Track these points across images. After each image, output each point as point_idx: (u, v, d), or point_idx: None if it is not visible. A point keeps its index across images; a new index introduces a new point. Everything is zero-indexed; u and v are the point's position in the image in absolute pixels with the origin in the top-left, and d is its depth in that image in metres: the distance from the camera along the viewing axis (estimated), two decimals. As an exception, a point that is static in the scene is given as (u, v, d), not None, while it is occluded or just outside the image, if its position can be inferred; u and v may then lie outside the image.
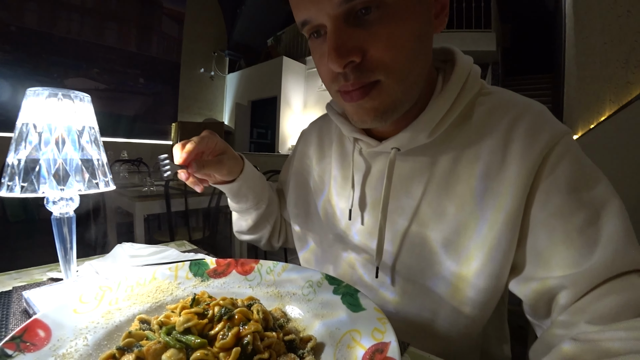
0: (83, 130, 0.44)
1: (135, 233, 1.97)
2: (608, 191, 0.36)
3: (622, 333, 0.25)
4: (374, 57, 0.36)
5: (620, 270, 0.32)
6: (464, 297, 0.43)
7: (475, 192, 0.41)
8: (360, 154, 0.52)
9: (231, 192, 0.60)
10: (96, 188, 0.44)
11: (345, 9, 0.35)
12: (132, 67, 6.36)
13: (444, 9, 0.41)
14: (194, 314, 0.34)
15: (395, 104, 0.40)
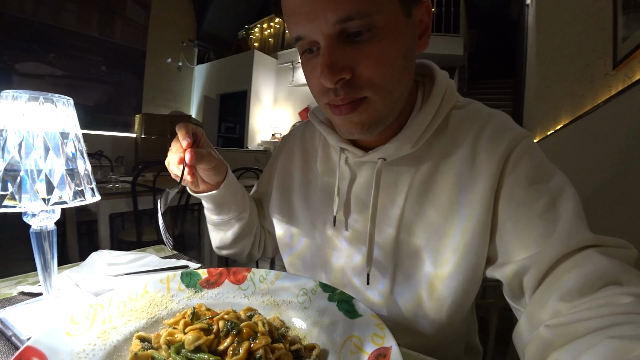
0: (67, 138, 0.41)
1: (99, 233, 1.86)
2: (563, 181, 0.41)
3: (588, 312, 0.28)
4: (364, 74, 0.39)
5: (576, 247, 0.36)
6: (441, 296, 0.47)
7: (451, 199, 0.46)
8: (346, 163, 0.54)
9: (215, 202, 0.59)
10: (82, 199, 0.42)
11: (339, 29, 0.37)
12: (93, 53, 5.93)
13: (426, 30, 0.44)
14: (199, 331, 0.34)
15: (381, 118, 0.43)
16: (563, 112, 1.92)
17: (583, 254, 0.35)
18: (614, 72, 1.20)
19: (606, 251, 0.35)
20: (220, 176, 0.57)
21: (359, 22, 0.36)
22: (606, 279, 0.32)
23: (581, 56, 1.62)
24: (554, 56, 2.29)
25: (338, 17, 0.36)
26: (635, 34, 1.02)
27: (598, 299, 0.30)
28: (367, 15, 0.36)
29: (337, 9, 0.35)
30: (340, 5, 0.35)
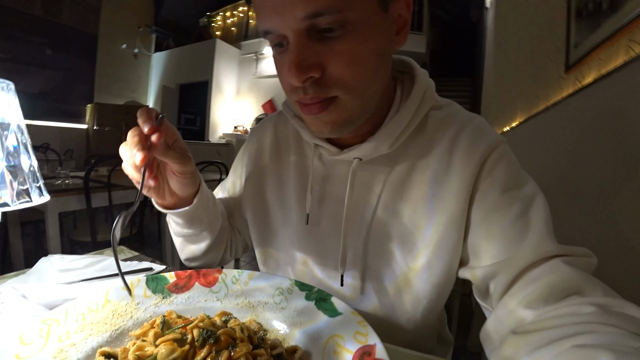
0: (8, 129, 0.36)
1: (47, 234, 1.69)
2: (534, 189, 0.43)
3: (553, 321, 0.30)
4: (334, 73, 0.37)
5: (544, 256, 0.37)
6: (416, 291, 0.48)
7: (425, 197, 0.46)
8: (320, 159, 0.53)
9: (186, 217, 0.51)
10: (28, 200, 0.37)
11: (308, 24, 0.35)
12: (37, 35, 5.32)
13: (405, 26, 0.43)
14: (172, 342, 0.31)
15: (352, 118, 0.42)
16: (518, 111, 2.04)
17: (549, 263, 0.37)
18: (565, 75, 1.29)
19: (571, 261, 0.37)
20: (194, 187, 0.49)
21: (330, 18, 0.34)
22: (570, 288, 0.34)
23: (535, 59, 1.73)
24: (510, 58, 2.43)
25: (306, 12, 0.34)
26: (586, 41, 1.10)
27: (562, 307, 0.32)
28: (339, 11, 0.34)
29: (306, 4, 0.33)
30: (310, 0, 0.33)
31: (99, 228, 2.02)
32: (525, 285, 0.36)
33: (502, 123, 2.54)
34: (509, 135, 2.13)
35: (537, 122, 1.61)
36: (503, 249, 0.40)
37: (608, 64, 0.96)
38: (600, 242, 0.88)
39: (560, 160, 1.25)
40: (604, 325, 0.27)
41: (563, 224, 1.11)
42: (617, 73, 0.89)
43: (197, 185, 0.50)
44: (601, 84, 0.98)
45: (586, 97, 1.09)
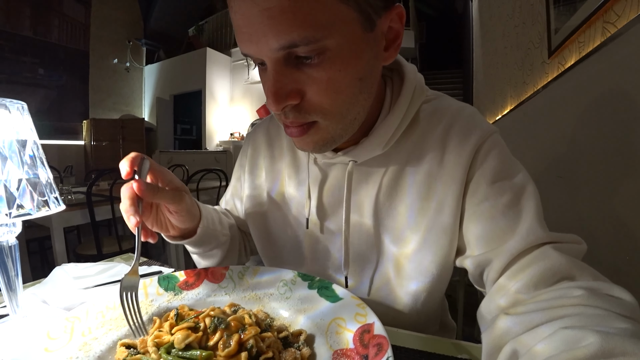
0: (26, 145, 0.39)
1: (54, 249, 1.72)
2: (525, 179, 0.43)
3: (543, 304, 0.31)
4: (312, 100, 0.37)
5: (535, 243, 0.38)
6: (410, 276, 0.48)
7: (420, 194, 0.47)
8: (315, 163, 0.53)
9: (193, 243, 0.54)
10: (47, 209, 0.40)
11: (284, 53, 0.34)
12: (28, 55, 5.36)
13: (396, 39, 0.41)
14: (187, 329, 0.34)
15: (334, 138, 0.42)
16: (508, 98, 2.08)
17: (540, 250, 0.38)
18: (549, 60, 1.32)
19: (561, 247, 0.38)
20: (193, 221, 0.50)
21: (306, 48, 0.33)
22: (560, 274, 0.35)
23: (520, 46, 1.77)
24: (497, 47, 2.46)
25: (280, 44, 0.33)
26: (565, 25, 1.14)
27: (553, 291, 0.33)
28: (315, 42, 0.33)
29: (279, 36, 0.32)
30: (282, 33, 0.32)
31: (104, 241, 2.05)
32: (516, 272, 0.38)
33: (494, 111, 2.57)
34: (502, 123, 2.16)
35: (526, 108, 1.65)
36: (495, 237, 0.41)
37: (587, 46, 1.00)
38: (596, 224, 0.91)
39: (548, 143, 1.29)
40: (592, 307, 0.28)
41: (552, 202, 1.15)
42: (596, 54, 0.92)
43: (197, 219, 0.51)
44: (582, 65, 1.02)
45: (569, 79, 1.13)
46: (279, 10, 0.31)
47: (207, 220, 0.53)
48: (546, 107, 1.35)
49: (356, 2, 0.33)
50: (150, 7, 7.29)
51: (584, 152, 0.99)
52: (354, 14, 0.34)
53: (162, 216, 0.48)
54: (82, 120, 5.99)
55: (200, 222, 0.51)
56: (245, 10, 0.32)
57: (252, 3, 0.31)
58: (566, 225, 1.07)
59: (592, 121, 0.95)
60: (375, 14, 0.36)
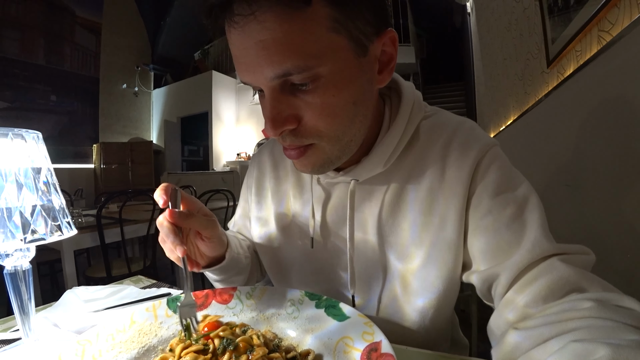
0: (40, 172, 0.41)
1: (64, 272, 1.73)
2: (528, 190, 0.43)
3: (553, 317, 0.30)
4: (309, 124, 0.38)
5: (541, 256, 0.38)
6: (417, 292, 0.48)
7: (422, 207, 0.47)
8: (319, 183, 0.54)
9: (220, 270, 0.54)
10: (60, 234, 0.41)
11: (280, 82, 0.36)
12: (41, 83, 5.58)
13: (390, 62, 0.42)
14: (194, 353, 0.34)
15: (332, 160, 0.43)
16: (511, 109, 2.08)
17: (547, 262, 0.37)
18: (548, 70, 1.33)
19: (568, 259, 0.37)
20: (222, 248, 0.51)
21: (300, 76, 0.35)
22: (569, 286, 0.35)
23: (519, 57, 1.79)
24: (496, 59, 2.49)
25: (275, 73, 0.34)
26: (561, 35, 1.15)
27: (562, 303, 0.32)
28: (308, 70, 0.34)
29: (273, 66, 0.34)
30: (276, 63, 0.34)
31: (113, 263, 2.06)
32: (524, 285, 0.37)
33: (497, 122, 2.57)
34: (506, 133, 2.16)
35: (529, 118, 1.65)
36: (500, 251, 0.40)
37: (585, 55, 1.01)
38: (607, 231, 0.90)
39: (553, 152, 1.28)
40: (602, 319, 0.27)
41: (559, 212, 1.13)
42: (594, 62, 0.93)
43: (225, 245, 0.52)
44: (581, 74, 1.03)
45: (568, 88, 1.13)
46: (273, 42, 0.33)
47: (233, 246, 0.54)
48: (549, 116, 1.35)
49: (347, 30, 0.35)
50: (158, 33, 7.57)
51: (590, 159, 0.99)
52: (345, 42, 0.35)
53: (192, 246, 0.48)
54: (92, 144, 6.16)
55: (228, 248, 0.52)
56: (241, 42, 0.34)
57: (247, 36, 0.33)
58: (575, 234, 1.06)
59: (596, 128, 0.95)
60: (367, 40, 0.37)
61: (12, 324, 0.57)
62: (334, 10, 0.33)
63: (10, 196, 0.37)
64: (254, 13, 0.32)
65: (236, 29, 0.34)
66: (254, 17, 0.32)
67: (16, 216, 0.37)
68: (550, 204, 1.22)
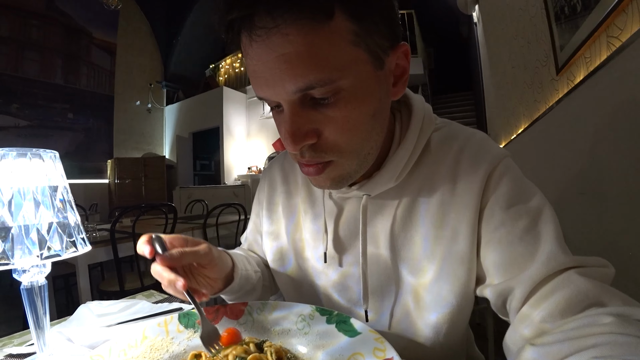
0: (56, 190, 0.42)
1: (79, 286, 1.76)
2: (541, 202, 0.42)
3: (572, 332, 0.29)
4: (329, 139, 0.38)
5: (557, 269, 0.36)
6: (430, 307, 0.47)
7: (434, 220, 0.46)
8: (330, 197, 0.54)
9: (233, 290, 0.54)
10: (75, 250, 0.42)
11: (301, 95, 0.35)
12: (59, 101, 5.83)
13: (403, 75, 0.42)
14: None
15: (350, 174, 0.43)
16: (521, 117, 2.06)
17: (564, 276, 0.36)
18: (558, 77, 1.32)
19: (586, 272, 0.36)
20: (228, 264, 0.52)
21: (322, 90, 0.34)
22: (588, 300, 0.33)
23: (528, 66, 1.78)
24: (505, 68, 2.48)
25: (297, 87, 0.34)
26: (570, 42, 1.15)
27: (581, 319, 0.31)
28: (330, 83, 0.34)
29: (296, 79, 0.33)
30: (299, 76, 0.33)
31: (126, 277, 2.08)
32: (540, 300, 0.36)
33: (508, 131, 2.55)
34: (518, 142, 2.13)
35: (540, 126, 1.63)
36: (514, 264, 0.39)
37: (594, 61, 1.00)
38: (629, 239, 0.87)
39: (566, 159, 1.26)
40: (623, 335, 0.26)
41: (574, 221, 1.10)
42: (604, 68, 0.92)
43: (229, 263, 0.52)
44: (592, 80, 1.01)
45: (579, 95, 1.12)
46: (296, 55, 0.32)
47: (240, 264, 0.55)
48: (560, 124, 1.33)
49: (366, 44, 0.35)
50: (170, 52, 7.82)
51: (605, 166, 0.96)
52: (365, 55, 0.36)
53: (201, 279, 0.48)
54: (107, 159, 6.33)
55: (235, 268, 0.53)
56: (262, 56, 0.34)
57: (270, 49, 0.33)
58: (593, 245, 1.02)
59: (610, 134, 0.93)
60: (383, 53, 0.37)
61: (27, 338, 0.58)
62: (354, 24, 0.34)
63: (28, 214, 0.38)
64: (278, 26, 0.31)
65: (257, 42, 0.33)
66: (277, 29, 0.31)
67: (33, 233, 0.38)
68: (565, 214, 1.19)
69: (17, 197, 0.38)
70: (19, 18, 5.34)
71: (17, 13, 5.31)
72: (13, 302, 2.89)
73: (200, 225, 2.49)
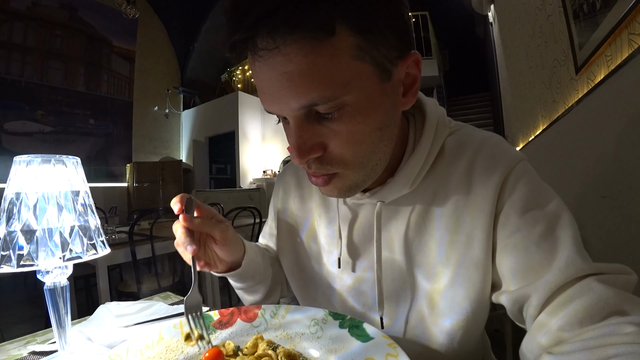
0: (78, 195, 0.44)
1: (99, 287, 1.81)
2: (559, 207, 0.41)
3: (591, 342, 0.29)
4: (334, 152, 0.38)
5: (576, 275, 0.35)
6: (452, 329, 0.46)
7: (448, 226, 0.45)
8: (345, 203, 0.54)
9: (238, 276, 0.57)
10: (95, 253, 0.43)
11: (306, 110, 0.35)
12: (81, 108, 6.09)
13: (414, 84, 0.41)
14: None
15: (358, 185, 0.42)
16: (540, 118, 2.01)
17: (583, 283, 0.35)
18: (577, 77, 1.28)
19: (606, 279, 0.35)
20: (239, 251, 0.54)
21: (325, 106, 0.34)
22: (608, 308, 0.32)
23: (545, 65, 1.73)
24: (522, 68, 2.43)
25: (300, 104, 0.34)
26: (589, 40, 1.11)
27: (601, 327, 0.30)
28: (333, 99, 0.34)
29: (299, 97, 0.34)
30: (302, 94, 0.34)
31: (144, 279, 2.13)
32: (557, 307, 0.35)
33: (526, 132, 2.48)
34: (536, 143, 2.08)
35: (560, 127, 1.58)
36: (531, 271, 0.38)
37: (615, 59, 0.97)
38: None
39: (587, 162, 1.22)
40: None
41: (596, 225, 1.06)
42: (626, 66, 0.89)
43: (242, 250, 0.54)
44: (613, 79, 0.98)
45: (602, 94, 1.08)
46: (298, 74, 0.32)
47: (250, 252, 0.56)
48: (581, 124, 1.29)
49: (371, 57, 0.34)
50: (187, 58, 8.02)
51: (628, 168, 0.93)
52: (370, 68, 0.35)
53: (210, 251, 0.52)
54: (126, 163, 6.53)
55: (245, 254, 0.55)
56: (265, 74, 0.34)
57: (272, 68, 0.33)
58: (617, 250, 0.98)
59: (633, 134, 0.89)
60: (391, 65, 0.37)
61: (49, 336, 0.61)
62: (357, 38, 0.33)
63: (51, 217, 0.40)
64: (278, 47, 0.32)
65: (260, 62, 0.34)
66: (278, 50, 0.32)
67: (56, 236, 0.40)
68: (586, 218, 1.14)
69: (42, 202, 0.40)
70: (44, 29, 5.61)
71: (42, 24, 5.58)
72: (36, 301, 3.01)
73: (215, 228, 2.52)
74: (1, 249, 0.38)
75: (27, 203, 0.39)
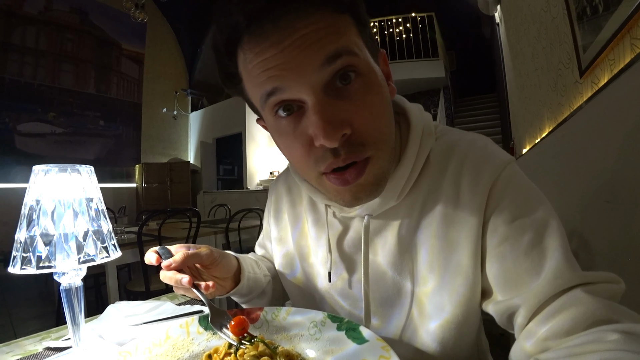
0: (92, 201, 0.46)
1: (108, 286, 1.86)
2: (547, 213, 0.41)
3: (577, 349, 0.29)
4: (362, 129, 0.37)
5: (564, 287, 0.36)
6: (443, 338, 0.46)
7: (438, 231, 0.45)
8: (335, 217, 0.54)
9: (241, 291, 0.58)
10: (107, 256, 0.46)
11: (327, 78, 0.35)
12: (91, 109, 6.22)
13: (389, 78, 0.44)
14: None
15: (385, 175, 0.42)
16: (545, 120, 2.00)
17: (570, 294, 0.35)
18: (582, 80, 1.28)
19: (594, 289, 0.35)
20: (233, 263, 0.55)
21: (347, 58, 0.35)
22: (594, 318, 0.33)
23: (551, 67, 1.73)
24: (528, 69, 2.42)
25: (326, 54, 0.34)
26: (593, 43, 1.11)
27: (586, 335, 0.31)
28: (353, 53, 0.36)
29: (324, 49, 0.34)
30: (327, 45, 0.34)
31: (152, 278, 2.17)
32: (545, 318, 0.35)
33: (533, 134, 2.47)
34: (542, 146, 2.06)
35: (565, 130, 1.57)
36: (519, 281, 0.39)
37: (618, 63, 0.97)
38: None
39: (592, 165, 1.21)
40: (631, 352, 0.26)
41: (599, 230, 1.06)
42: (629, 70, 0.89)
43: (235, 263, 0.55)
44: (617, 83, 0.98)
45: (606, 97, 1.08)
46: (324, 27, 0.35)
47: (248, 267, 0.58)
48: (585, 128, 1.29)
49: (366, 39, 0.39)
50: (194, 60, 8.11)
51: (633, 172, 0.93)
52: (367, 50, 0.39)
53: (208, 278, 0.52)
54: (135, 164, 6.64)
55: (242, 269, 0.56)
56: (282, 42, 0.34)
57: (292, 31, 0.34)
58: (622, 255, 0.98)
59: (637, 140, 0.89)
60: (375, 57, 0.41)
61: (62, 333, 0.64)
62: (357, 28, 0.38)
63: (67, 223, 0.42)
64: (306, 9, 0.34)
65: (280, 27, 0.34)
66: (296, 15, 0.34)
67: (72, 240, 0.42)
68: (590, 222, 1.14)
69: (59, 208, 0.42)
70: (55, 33, 5.74)
71: (54, 28, 5.72)
72: (47, 298, 3.09)
73: (222, 230, 2.57)
74: (22, 251, 0.41)
75: (45, 210, 0.42)
